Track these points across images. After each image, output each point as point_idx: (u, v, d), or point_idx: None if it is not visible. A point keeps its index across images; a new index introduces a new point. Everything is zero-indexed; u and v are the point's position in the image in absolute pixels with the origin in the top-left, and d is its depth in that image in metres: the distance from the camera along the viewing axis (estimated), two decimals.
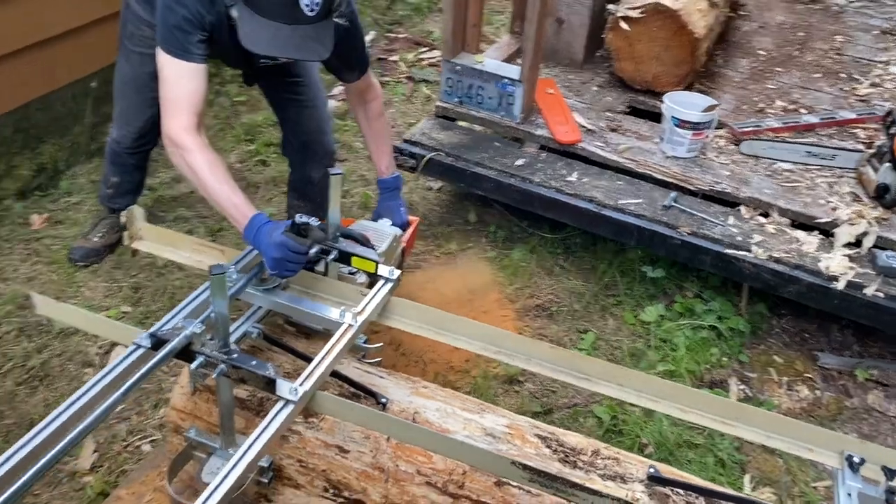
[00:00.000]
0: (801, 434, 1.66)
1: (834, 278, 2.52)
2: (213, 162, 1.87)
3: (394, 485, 1.71)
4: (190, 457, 1.79)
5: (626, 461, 1.73)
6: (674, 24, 3.10)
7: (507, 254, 3.09)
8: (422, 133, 3.12)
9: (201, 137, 1.89)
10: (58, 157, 3.27)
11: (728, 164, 2.94)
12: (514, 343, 1.82)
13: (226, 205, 1.85)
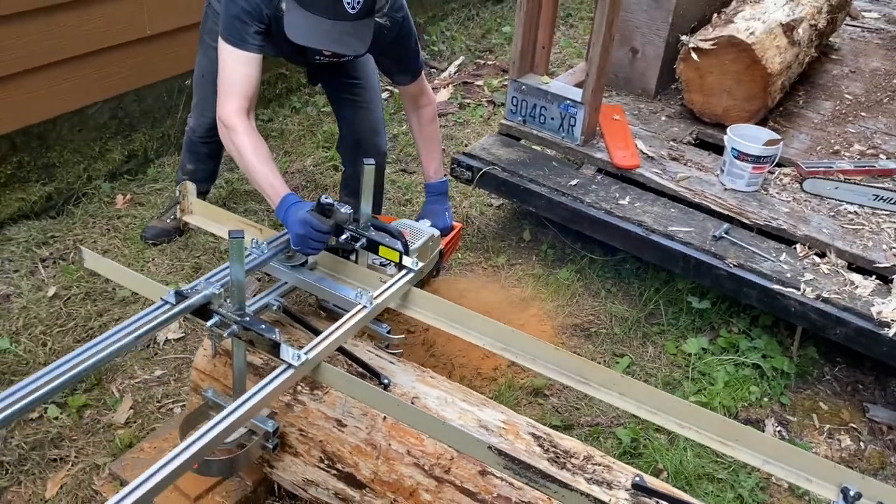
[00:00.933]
0: (800, 462, 1.61)
1: (886, 324, 2.41)
2: (256, 144, 2.01)
3: (384, 462, 1.76)
4: (205, 415, 1.90)
5: (618, 470, 1.72)
6: (747, 58, 3.07)
7: (555, 273, 3.10)
8: (482, 148, 3.19)
9: (250, 121, 2.04)
10: (148, 146, 3.54)
11: (789, 202, 2.86)
12: (520, 341, 1.84)
13: (263, 184, 1.98)
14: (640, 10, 3.38)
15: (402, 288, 1.97)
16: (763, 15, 3.28)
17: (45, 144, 3.12)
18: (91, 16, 3.04)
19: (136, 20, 3.23)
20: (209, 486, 1.99)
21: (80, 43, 3.05)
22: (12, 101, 2.90)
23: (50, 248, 2.96)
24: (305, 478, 1.87)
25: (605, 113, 3.30)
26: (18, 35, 2.82)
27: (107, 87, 3.25)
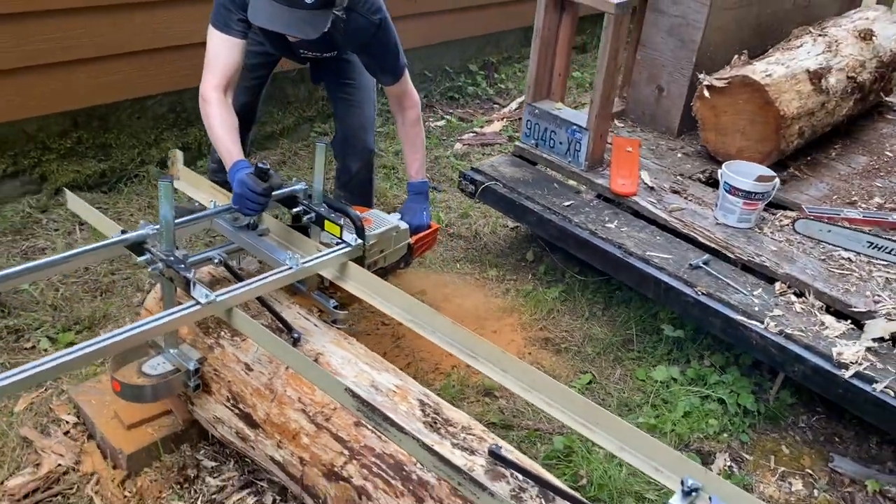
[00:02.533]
0: (654, 453, 1.62)
1: (844, 366, 2.32)
2: (224, 116, 2.24)
3: (276, 405, 1.90)
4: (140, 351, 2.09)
5: (490, 442, 1.78)
6: (760, 99, 3.06)
7: (543, 291, 3.15)
8: (489, 165, 3.33)
9: (224, 97, 2.28)
10: (202, 141, 3.89)
11: (780, 242, 2.81)
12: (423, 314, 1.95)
13: (222, 149, 2.21)
14: (666, 49, 3.44)
15: (335, 259, 2.13)
16: (790, 61, 3.26)
17: (104, 126, 3.52)
18: (157, 16, 3.44)
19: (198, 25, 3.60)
20: (144, 418, 2.19)
21: (145, 39, 3.45)
22: (79, 84, 3.31)
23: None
24: (215, 415, 2.03)
25: (620, 144, 3.35)
26: (91, 26, 3.24)
27: (167, 82, 3.63)
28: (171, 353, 2.06)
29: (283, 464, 1.88)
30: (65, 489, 2.08)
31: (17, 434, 2.22)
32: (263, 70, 2.88)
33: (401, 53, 2.53)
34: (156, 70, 3.56)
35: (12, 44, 3.03)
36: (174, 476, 2.13)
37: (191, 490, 2.11)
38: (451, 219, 3.68)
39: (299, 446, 1.84)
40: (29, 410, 2.31)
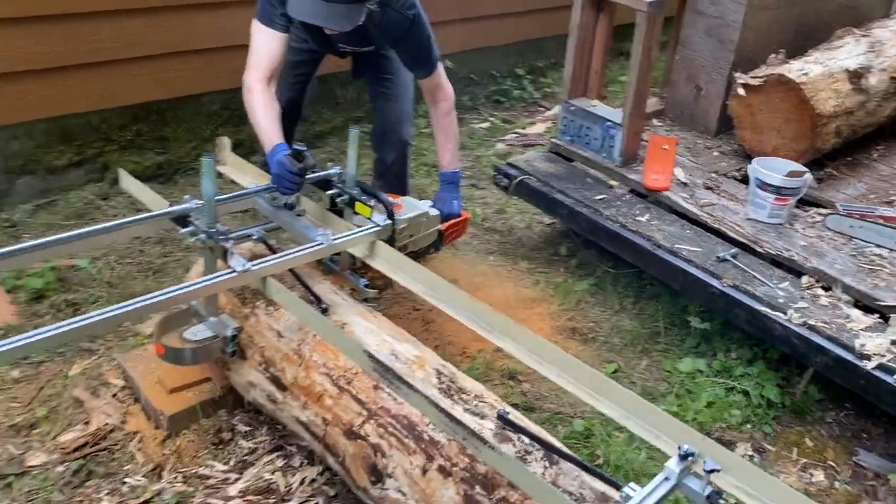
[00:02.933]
0: (656, 422, 1.68)
1: (866, 357, 2.32)
2: (266, 104, 2.39)
3: (304, 369, 2.02)
4: (183, 318, 2.24)
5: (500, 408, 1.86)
6: (795, 97, 3.07)
7: (573, 283, 3.22)
8: (525, 161, 3.41)
9: (267, 87, 2.42)
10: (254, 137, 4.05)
11: (810, 238, 2.82)
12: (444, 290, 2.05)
13: (263, 134, 2.35)
14: (704, 49, 3.48)
15: (365, 237, 2.25)
16: (829, 61, 3.26)
17: (162, 120, 3.74)
18: (214, 18, 3.64)
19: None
20: (185, 384, 2.34)
21: (202, 39, 3.65)
22: (138, 80, 3.53)
23: None
24: (248, 380, 2.17)
25: (656, 142, 3.39)
26: (151, 26, 3.45)
27: (222, 81, 3.82)
28: (211, 321, 2.20)
29: (308, 424, 2.00)
30: (110, 445, 2.24)
31: (70, 395, 2.39)
32: (307, 67, 3.03)
33: (434, 48, 2.64)
34: (211, 69, 3.76)
35: (78, 41, 3.26)
36: (210, 438, 2.27)
37: (225, 451, 2.25)
38: (488, 214, 3.78)
39: (323, 407, 1.95)
40: (82, 375, 2.48)
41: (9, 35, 3.07)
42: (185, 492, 2.11)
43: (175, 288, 1.90)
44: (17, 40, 3.10)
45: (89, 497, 2.08)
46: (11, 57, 3.11)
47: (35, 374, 2.47)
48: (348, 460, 1.89)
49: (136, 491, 2.11)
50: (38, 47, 3.16)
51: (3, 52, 3.07)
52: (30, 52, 3.15)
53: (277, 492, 2.12)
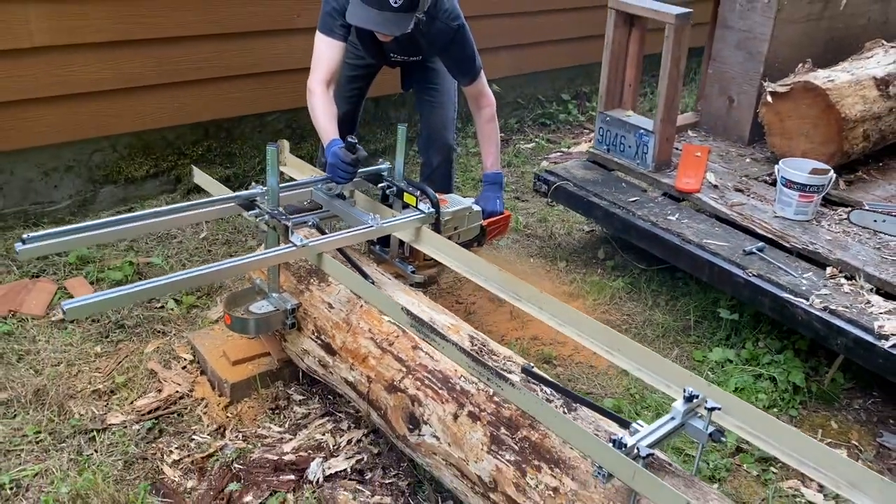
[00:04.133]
0: (664, 371, 1.85)
1: (884, 337, 2.43)
2: (325, 104, 2.67)
3: (351, 335, 2.25)
4: (249, 296, 2.51)
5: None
6: (822, 103, 3.22)
7: (609, 281, 3.38)
8: (563, 168, 3.62)
9: (326, 89, 2.70)
10: (314, 155, 4.38)
11: (836, 233, 2.94)
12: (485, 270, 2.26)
13: (321, 132, 2.63)
14: (735, 62, 3.65)
15: (410, 223, 2.49)
16: (857, 70, 3.41)
17: (230, 137, 4.08)
18: (278, 43, 3.99)
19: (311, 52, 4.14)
20: (246, 357, 2.59)
21: (266, 63, 4.00)
22: (210, 99, 3.88)
23: None
24: (303, 348, 2.40)
25: (689, 150, 3.56)
26: (220, 50, 3.81)
27: (285, 101, 4.15)
28: (273, 297, 2.46)
29: (354, 383, 2.21)
30: (180, 409, 2.50)
31: (145, 367, 2.67)
32: (361, 82, 3.31)
33: (477, 58, 2.89)
34: (275, 90, 4.10)
35: (154, 64, 3.63)
36: (268, 404, 2.51)
37: (280, 415, 2.48)
38: (530, 222, 3.98)
39: (367, 367, 2.17)
40: (155, 351, 2.76)
41: (102, 57, 3.46)
42: (245, 448, 2.34)
43: (248, 256, 2.18)
44: (109, 62, 3.49)
45: (161, 450, 2.32)
46: (102, 77, 3.49)
47: (114, 351, 2.76)
48: (389, 412, 2.09)
49: (202, 447, 2.35)
50: (127, 68, 3.54)
51: (95, 72, 3.46)
52: (118, 73, 3.53)
53: (327, 448, 2.34)
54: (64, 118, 3.47)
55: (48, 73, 3.35)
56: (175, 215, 2.31)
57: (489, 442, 1.85)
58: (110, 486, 2.13)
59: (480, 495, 1.87)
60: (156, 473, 2.23)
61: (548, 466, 1.75)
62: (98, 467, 2.22)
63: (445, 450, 1.94)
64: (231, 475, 2.23)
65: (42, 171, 3.54)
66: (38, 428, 2.36)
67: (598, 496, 1.67)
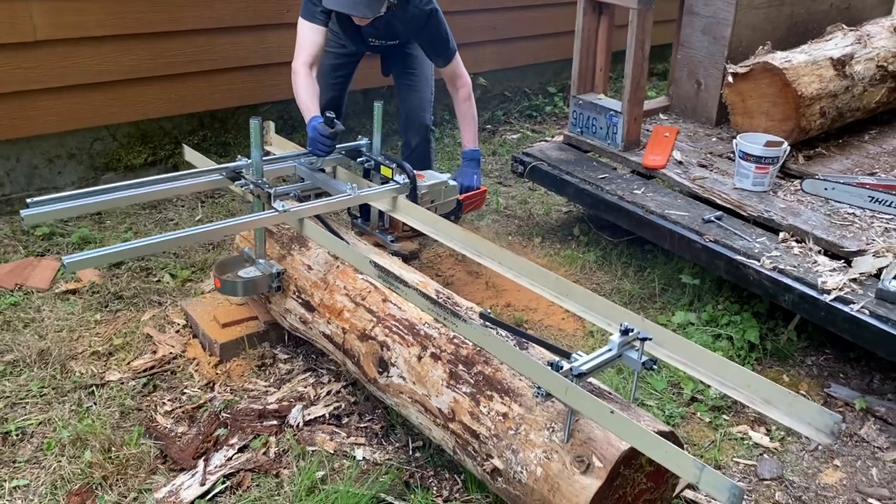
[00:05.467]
0: (607, 312, 2.03)
1: (827, 291, 2.61)
2: (307, 84, 2.86)
3: (328, 293, 2.44)
4: (237, 263, 2.70)
5: None
6: (779, 82, 3.40)
7: (581, 255, 3.57)
8: (538, 150, 3.81)
9: (309, 70, 2.88)
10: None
11: (790, 201, 3.12)
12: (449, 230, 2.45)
13: (303, 110, 2.82)
14: (701, 46, 3.84)
15: (387, 192, 2.68)
16: (815, 52, 3.59)
17: (224, 127, 4.29)
18: (266, 37, 4.20)
19: None
20: (235, 320, 2.79)
21: (258, 56, 4.21)
22: (204, 91, 4.09)
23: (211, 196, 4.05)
24: (285, 307, 2.60)
25: (658, 130, 3.76)
26: (213, 43, 4.02)
27: (277, 93, 4.35)
28: (260, 263, 2.65)
29: (331, 335, 2.41)
30: (173, 367, 2.69)
31: (141, 332, 2.86)
32: (345, 70, 3.50)
33: (451, 40, 3.08)
34: (267, 82, 4.31)
35: (151, 56, 3.84)
36: (255, 363, 2.70)
37: (266, 372, 2.68)
38: (511, 204, 4.17)
39: (342, 320, 2.36)
40: (151, 319, 2.96)
41: (103, 50, 3.67)
42: (232, 399, 2.53)
43: (235, 219, 2.38)
44: (109, 55, 3.70)
45: (155, 402, 2.52)
46: (103, 70, 3.71)
47: (113, 319, 2.96)
48: (362, 359, 2.28)
49: (193, 399, 2.54)
50: (126, 61, 3.75)
51: (96, 64, 3.67)
52: (118, 65, 3.74)
53: (308, 398, 2.53)
54: (67, 108, 3.69)
55: (52, 66, 3.57)
56: (167, 185, 2.52)
57: (448, 377, 2.04)
58: (107, 430, 2.33)
59: (441, 427, 2.06)
60: (149, 421, 2.43)
61: (499, 395, 1.94)
62: (97, 417, 2.41)
63: (410, 388, 2.13)
64: (219, 422, 2.42)
65: (46, 158, 3.75)
66: (41, 384, 2.56)
67: (541, 418, 1.85)
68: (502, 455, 1.88)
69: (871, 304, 2.52)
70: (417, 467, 2.28)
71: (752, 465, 2.42)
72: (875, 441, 2.53)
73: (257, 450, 2.31)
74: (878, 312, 2.49)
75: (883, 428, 2.57)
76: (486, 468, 1.92)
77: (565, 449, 1.78)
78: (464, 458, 2.02)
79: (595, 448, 1.74)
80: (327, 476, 2.21)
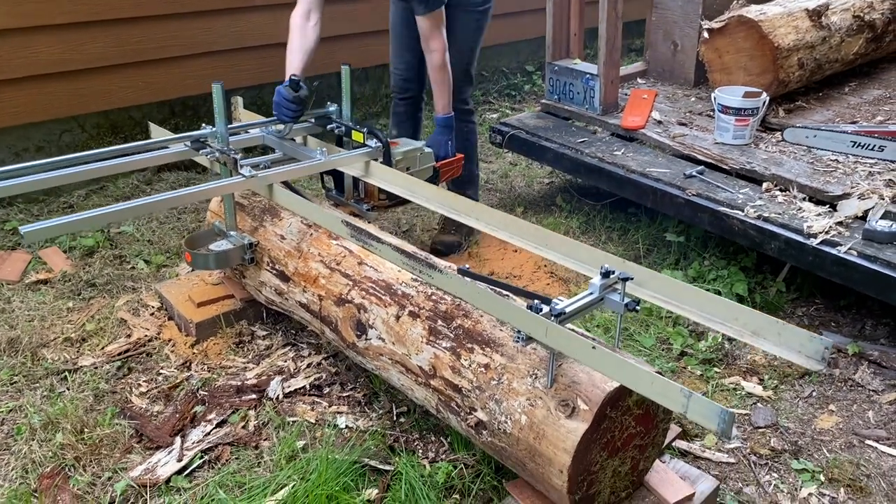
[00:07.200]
0: (586, 257, 1.97)
1: (813, 236, 2.55)
2: (298, 37, 2.73)
3: (302, 260, 2.37)
4: (208, 237, 2.62)
5: None
6: (756, 34, 3.35)
7: (564, 221, 3.51)
8: (517, 119, 3.75)
9: (304, 21, 2.76)
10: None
11: (772, 153, 3.07)
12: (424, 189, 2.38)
13: (287, 64, 2.72)
14: (675, 7, 3.79)
15: (358, 157, 2.60)
16: (790, 3, 3.54)
17: (196, 114, 4.21)
18: (239, 21, 4.12)
19: (272, 30, 4.27)
20: (210, 299, 2.71)
21: (228, 40, 4.13)
22: (174, 77, 4.01)
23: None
24: (260, 280, 2.52)
25: (636, 94, 3.70)
26: (181, 29, 3.94)
27: (248, 78, 4.28)
28: (232, 235, 2.58)
29: (307, 304, 2.33)
30: (149, 350, 2.61)
31: (116, 317, 2.78)
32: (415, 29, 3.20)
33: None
34: (238, 67, 4.23)
35: (115, 44, 3.76)
36: (232, 341, 2.63)
37: (244, 349, 2.60)
38: (492, 178, 4.11)
39: (318, 286, 2.29)
40: (125, 304, 2.88)
41: (66, 38, 3.59)
42: (210, 377, 2.45)
43: (203, 185, 2.30)
44: (72, 43, 3.62)
45: (130, 384, 2.44)
46: (66, 58, 3.62)
47: (86, 306, 2.87)
48: (339, 324, 2.21)
49: (169, 379, 2.46)
50: (91, 49, 3.67)
51: (59, 53, 3.59)
52: (83, 54, 3.66)
53: (288, 372, 2.45)
54: (31, 99, 3.60)
55: (11, 55, 3.48)
56: (131, 157, 2.44)
57: (427, 334, 1.97)
58: (80, 413, 2.25)
59: (423, 385, 1.99)
60: (124, 403, 2.35)
61: (479, 347, 1.87)
62: (69, 402, 2.33)
63: (390, 349, 2.06)
64: (196, 400, 2.34)
65: (13, 152, 3.66)
66: (11, 372, 2.47)
67: (523, 366, 1.78)
68: (485, 406, 1.81)
69: (859, 245, 2.47)
70: (402, 432, 2.21)
71: (747, 413, 2.36)
72: (870, 384, 2.47)
73: (236, 424, 2.24)
74: (867, 252, 2.44)
75: (877, 371, 2.52)
76: (471, 422, 1.86)
77: (549, 394, 1.71)
78: (447, 415, 1.95)
79: (580, 391, 1.68)
80: (308, 445, 2.14)
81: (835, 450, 2.22)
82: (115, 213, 2.12)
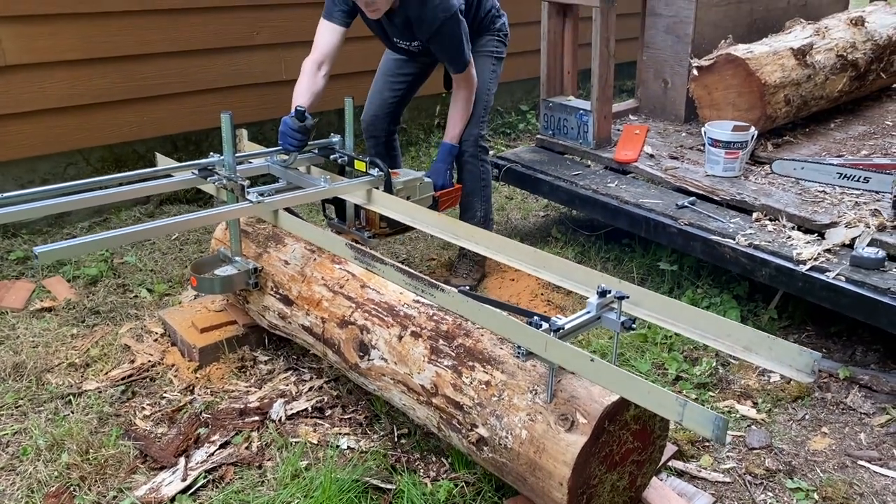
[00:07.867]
0: (583, 278, 2.04)
1: (802, 262, 2.63)
2: (307, 82, 2.83)
3: (305, 284, 2.43)
4: (213, 262, 2.68)
5: None
6: (743, 72, 3.47)
7: (561, 252, 3.58)
8: (513, 153, 3.85)
9: (317, 69, 2.86)
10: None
11: (761, 184, 3.16)
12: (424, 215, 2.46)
13: (293, 98, 2.80)
14: (665, 46, 3.92)
15: (360, 185, 2.68)
16: (776, 43, 3.68)
17: (198, 149, 4.29)
18: (239, 59, 4.24)
19: (274, 67, 4.40)
20: (213, 325, 2.76)
21: (229, 78, 4.24)
22: (177, 113, 4.11)
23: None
24: (263, 304, 2.58)
25: (629, 129, 3.81)
26: (183, 67, 4.05)
27: (250, 114, 4.38)
28: (236, 261, 2.64)
29: (310, 327, 2.38)
30: (152, 375, 2.65)
31: (119, 343, 2.82)
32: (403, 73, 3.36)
33: (464, 52, 2.98)
34: (239, 103, 4.33)
35: (122, 80, 3.86)
36: (235, 365, 2.67)
37: (247, 373, 2.64)
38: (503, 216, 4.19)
39: (321, 309, 2.34)
40: (129, 331, 2.92)
41: (74, 74, 3.69)
42: (213, 401, 2.49)
43: (212, 209, 2.37)
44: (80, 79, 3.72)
45: (134, 408, 2.47)
46: (74, 93, 3.72)
47: (90, 333, 2.91)
48: (342, 346, 2.26)
49: (173, 402, 2.50)
50: (98, 84, 3.77)
51: (67, 88, 3.68)
52: (90, 89, 3.75)
53: (290, 395, 2.49)
54: (38, 133, 3.68)
55: (23, 90, 3.57)
56: (139, 185, 2.51)
57: (429, 353, 2.02)
58: (85, 433, 2.28)
59: (425, 404, 2.03)
60: (129, 425, 2.38)
61: (480, 365, 1.92)
62: (74, 424, 2.36)
63: (392, 369, 2.11)
64: (199, 422, 2.37)
65: (18, 184, 3.73)
66: (17, 396, 2.50)
67: (524, 382, 1.84)
68: (487, 422, 1.85)
69: (847, 270, 2.55)
70: (403, 453, 2.24)
71: (741, 435, 2.40)
72: (861, 407, 2.53)
73: (239, 445, 2.27)
74: (854, 278, 2.51)
75: (868, 395, 2.57)
76: (472, 438, 1.90)
77: (549, 409, 1.76)
78: (449, 433, 1.99)
79: (579, 405, 1.73)
80: (311, 465, 2.17)
81: (828, 470, 2.26)
82: (126, 236, 2.18)
